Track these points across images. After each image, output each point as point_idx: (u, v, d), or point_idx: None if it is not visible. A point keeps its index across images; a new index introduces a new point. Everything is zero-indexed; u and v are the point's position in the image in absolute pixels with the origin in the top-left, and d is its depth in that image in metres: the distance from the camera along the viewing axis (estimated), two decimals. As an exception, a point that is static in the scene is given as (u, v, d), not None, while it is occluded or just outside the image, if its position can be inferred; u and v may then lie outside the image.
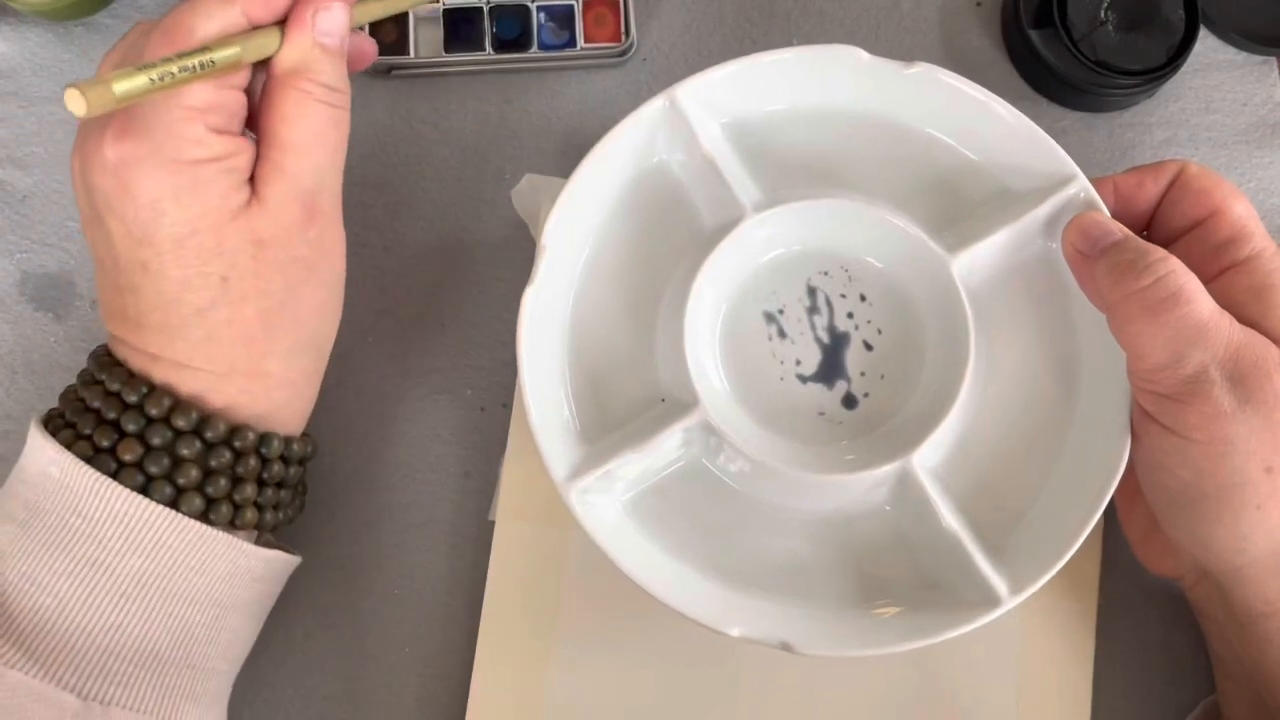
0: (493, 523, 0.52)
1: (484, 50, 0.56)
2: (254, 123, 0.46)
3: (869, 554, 0.48)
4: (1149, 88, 0.56)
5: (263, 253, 0.44)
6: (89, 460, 0.43)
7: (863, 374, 0.48)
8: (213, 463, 0.44)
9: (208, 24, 0.42)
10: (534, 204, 0.53)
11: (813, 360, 0.48)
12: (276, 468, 0.47)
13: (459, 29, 0.56)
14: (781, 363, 0.48)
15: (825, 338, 0.48)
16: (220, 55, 0.42)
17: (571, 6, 0.56)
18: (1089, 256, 0.45)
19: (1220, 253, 0.46)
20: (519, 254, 0.55)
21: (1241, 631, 0.47)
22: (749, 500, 0.48)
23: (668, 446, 0.46)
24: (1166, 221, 0.48)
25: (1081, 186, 0.47)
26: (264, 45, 0.44)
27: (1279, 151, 0.58)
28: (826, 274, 0.48)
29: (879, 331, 0.48)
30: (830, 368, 0.48)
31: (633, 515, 0.47)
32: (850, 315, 0.48)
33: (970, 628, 0.45)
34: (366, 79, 0.57)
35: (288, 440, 0.47)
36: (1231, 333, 0.42)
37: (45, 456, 0.43)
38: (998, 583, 0.45)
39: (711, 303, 0.47)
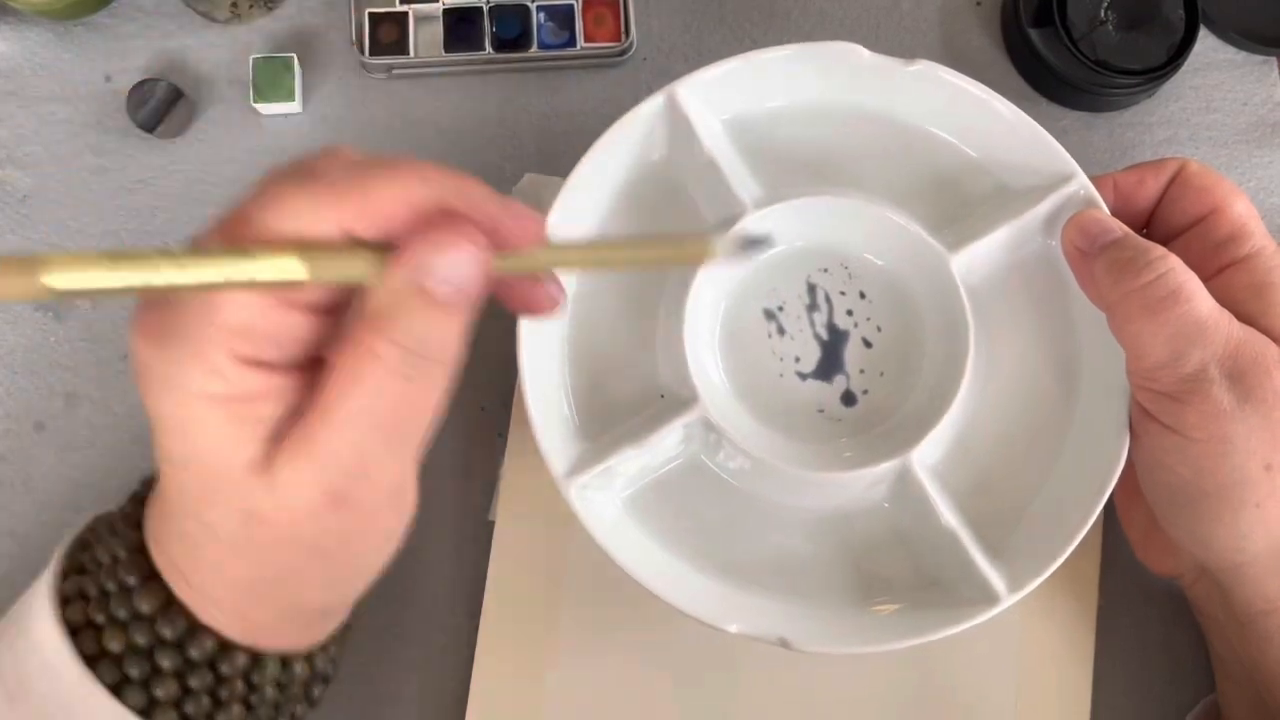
0: (493, 523, 0.52)
1: (484, 50, 0.56)
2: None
3: (868, 551, 0.48)
4: (1149, 87, 0.56)
5: (255, 526, 0.35)
6: (76, 632, 0.38)
7: (862, 371, 0.48)
8: (193, 682, 0.38)
9: (282, 222, 0.32)
10: (534, 203, 0.53)
11: (812, 357, 0.48)
12: (269, 692, 0.40)
13: (459, 29, 0.56)
14: (781, 360, 0.48)
15: (825, 335, 0.48)
16: (264, 274, 0.31)
17: (571, 6, 0.56)
18: (1088, 254, 0.45)
19: (1220, 250, 0.46)
20: (519, 253, 0.55)
21: (1241, 630, 0.47)
22: (748, 497, 0.48)
23: (667, 443, 0.46)
24: (1166, 219, 0.48)
25: (1081, 184, 0.47)
26: (351, 269, 0.32)
27: (1279, 151, 0.58)
28: (826, 271, 0.48)
29: (878, 329, 0.48)
30: (829, 365, 0.48)
31: (632, 511, 0.47)
32: (850, 312, 0.48)
33: (968, 625, 0.45)
34: (366, 79, 0.57)
35: (286, 662, 0.40)
36: (1231, 330, 0.42)
37: (50, 639, 0.38)
38: (996, 580, 0.45)
39: (711, 300, 0.47)
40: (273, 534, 0.35)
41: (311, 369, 0.35)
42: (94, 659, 0.38)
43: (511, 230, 0.35)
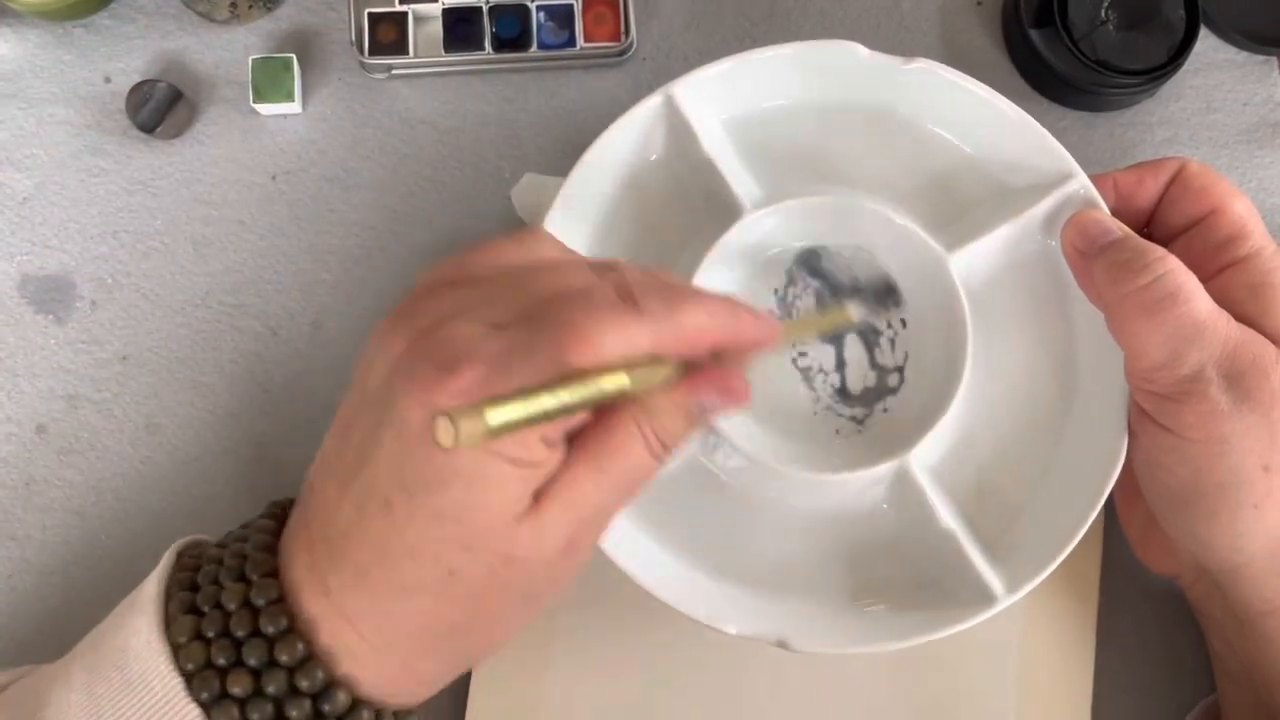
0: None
1: (483, 50, 0.56)
2: None
3: (866, 552, 0.48)
4: (1149, 87, 0.56)
5: (505, 570, 0.38)
6: (193, 675, 0.38)
7: (860, 372, 0.48)
8: None
9: (610, 347, 0.35)
10: (534, 203, 0.53)
11: (810, 358, 0.48)
12: None
13: (458, 29, 0.56)
14: (779, 361, 0.48)
15: (823, 335, 0.48)
16: (611, 390, 0.36)
17: (571, 6, 0.56)
18: (1087, 254, 0.45)
19: (1219, 251, 0.46)
20: (519, 254, 0.55)
21: (1241, 630, 0.47)
22: (746, 498, 0.47)
23: None
24: (1166, 219, 0.48)
25: (1081, 184, 0.47)
26: (656, 380, 0.38)
27: (1279, 151, 0.58)
28: (824, 271, 0.48)
29: (876, 329, 0.48)
30: (828, 365, 0.48)
31: (630, 512, 0.47)
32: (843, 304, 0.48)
33: (966, 625, 0.45)
34: (366, 80, 0.57)
35: (398, 715, 0.41)
36: (1229, 332, 0.42)
37: (158, 670, 0.38)
38: (993, 581, 0.45)
39: None
40: (514, 576, 0.38)
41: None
42: (210, 702, 0.38)
43: (760, 343, 0.40)
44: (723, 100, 0.48)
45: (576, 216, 0.47)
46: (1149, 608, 0.53)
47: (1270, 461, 0.42)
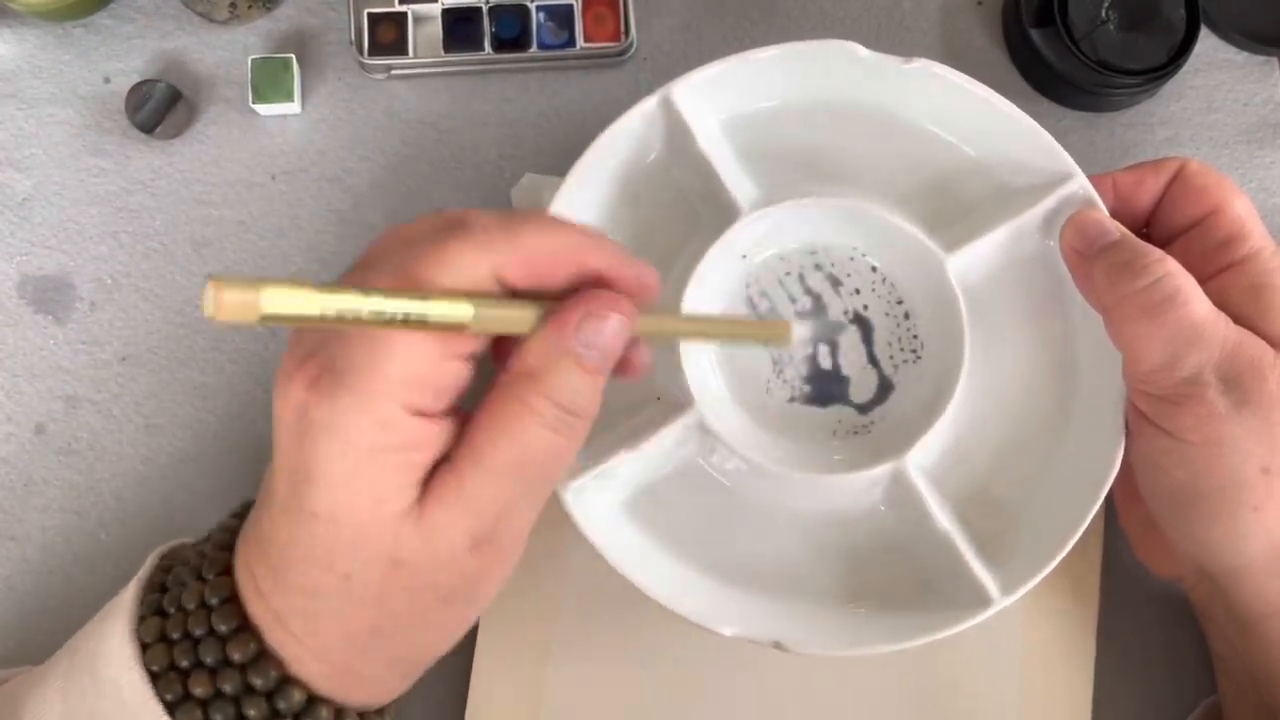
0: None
1: (483, 50, 0.56)
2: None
3: (863, 553, 0.48)
4: (1150, 87, 0.56)
5: (396, 572, 0.36)
6: (157, 677, 0.38)
7: (857, 373, 0.48)
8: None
9: (441, 273, 0.34)
10: (534, 203, 0.53)
11: (808, 360, 0.48)
12: None
13: (458, 29, 0.56)
14: (776, 363, 0.48)
15: (822, 335, 0.48)
16: (439, 314, 0.33)
17: (571, 6, 0.56)
18: (1086, 256, 0.45)
19: (1219, 251, 0.46)
20: (518, 254, 0.55)
21: (1243, 632, 0.46)
22: (743, 499, 0.47)
23: (663, 445, 0.46)
24: (1166, 219, 0.48)
25: (1080, 184, 0.46)
26: (511, 319, 0.35)
27: (1279, 151, 0.57)
28: (821, 272, 0.48)
29: (874, 331, 0.48)
30: (825, 367, 0.48)
31: (627, 514, 0.47)
32: (846, 314, 0.48)
33: (961, 628, 0.45)
34: (365, 80, 0.57)
35: (363, 716, 0.41)
36: (1228, 334, 0.42)
37: (131, 684, 0.38)
38: (989, 583, 0.45)
39: (707, 304, 0.47)
40: (413, 579, 0.37)
41: (452, 419, 0.36)
42: (175, 704, 0.38)
43: (633, 286, 0.37)
44: (721, 100, 0.48)
45: (573, 215, 0.47)
46: (1149, 608, 0.53)
47: (1269, 464, 0.42)
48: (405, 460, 0.35)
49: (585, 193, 0.48)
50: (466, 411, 0.38)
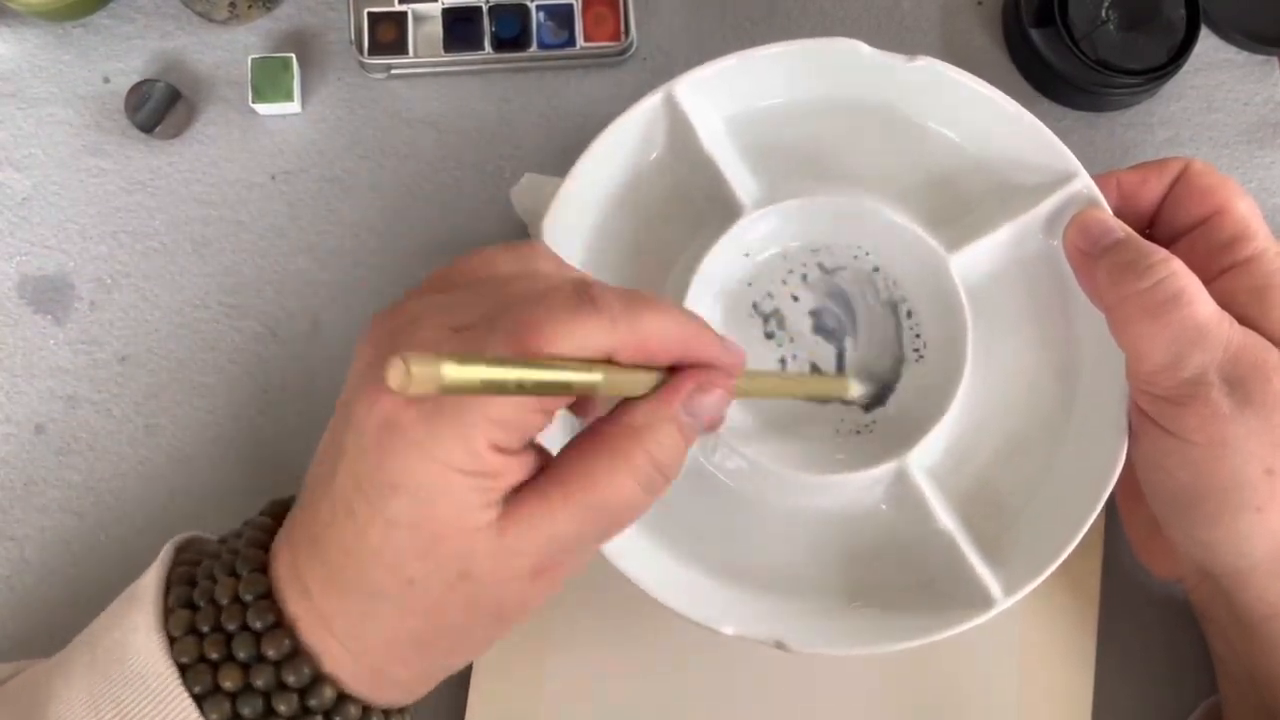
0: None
1: (483, 50, 0.56)
2: None
3: (864, 553, 0.47)
4: (1150, 87, 0.56)
5: (462, 584, 0.37)
6: (187, 668, 0.39)
7: (859, 372, 0.48)
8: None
9: (565, 342, 0.35)
10: (534, 203, 0.53)
11: (810, 358, 0.48)
12: None
13: (458, 28, 0.56)
14: (778, 361, 0.48)
15: (822, 335, 0.48)
16: (578, 381, 0.35)
17: (571, 6, 0.56)
18: (1090, 255, 0.45)
19: (1222, 252, 0.46)
20: (519, 254, 0.55)
21: (1244, 634, 0.46)
22: (744, 498, 0.47)
23: None
24: (1169, 219, 0.48)
25: (1084, 183, 0.46)
26: (633, 384, 0.37)
27: (1279, 151, 0.58)
28: (824, 271, 0.48)
29: (877, 329, 0.48)
30: (827, 366, 0.48)
31: None
32: (850, 311, 0.48)
33: (963, 628, 0.45)
34: (365, 79, 0.57)
35: (387, 713, 0.41)
36: (1231, 335, 0.42)
37: (155, 666, 0.39)
38: (991, 583, 0.45)
39: (709, 301, 0.47)
40: (475, 592, 0.37)
41: (530, 453, 0.38)
42: (203, 696, 0.39)
43: (726, 365, 0.39)
44: (724, 98, 0.48)
45: (576, 215, 0.47)
46: (1149, 608, 0.53)
47: (1273, 465, 0.42)
48: (486, 485, 0.36)
49: (587, 191, 0.48)
50: (542, 448, 0.39)
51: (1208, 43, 0.58)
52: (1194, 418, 0.42)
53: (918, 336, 0.47)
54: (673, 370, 0.38)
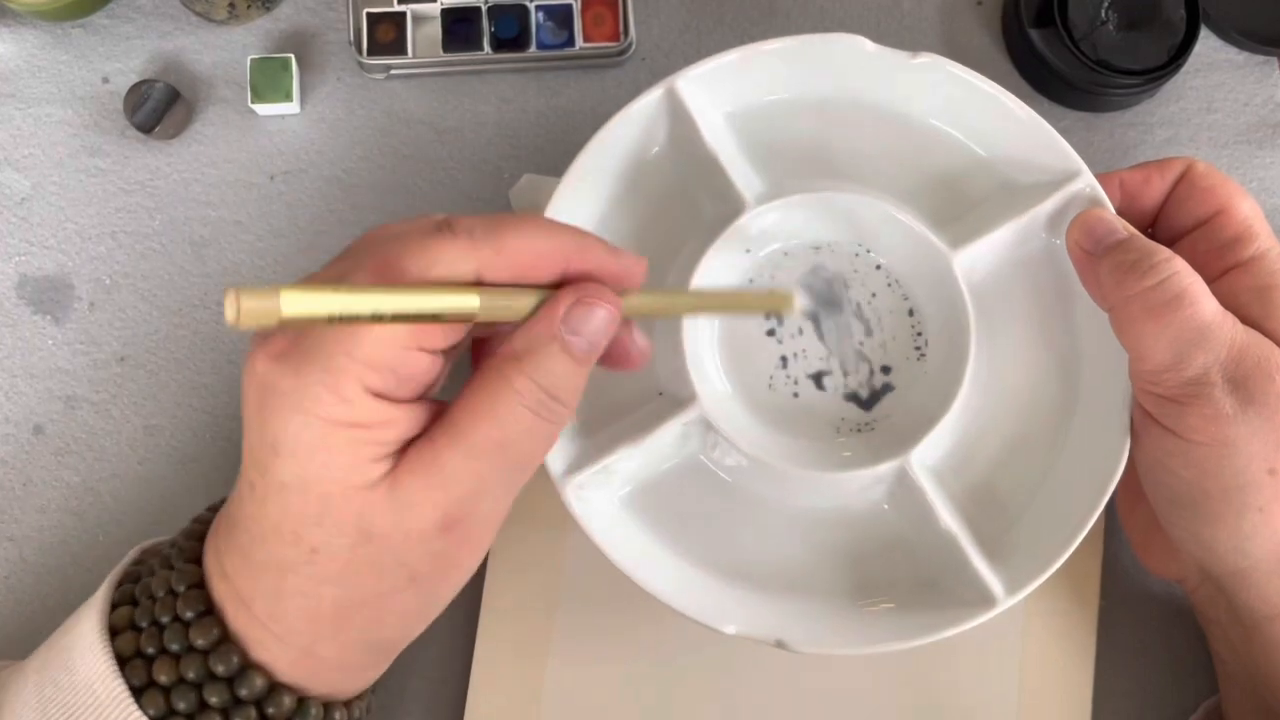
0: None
1: (482, 50, 0.56)
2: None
3: (866, 552, 0.47)
4: (1150, 87, 0.56)
5: (365, 546, 0.37)
6: (124, 663, 0.39)
7: (861, 370, 0.48)
8: None
9: (426, 270, 0.35)
10: (533, 204, 0.53)
11: (811, 355, 0.48)
12: None
13: (457, 29, 0.56)
14: (780, 358, 0.47)
15: (824, 333, 0.48)
16: (448, 308, 0.34)
17: (570, 6, 0.56)
18: (1093, 254, 0.45)
19: (1225, 252, 0.46)
20: (518, 254, 0.55)
21: (1245, 634, 0.46)
22: (746, 497, 0.47)
23: (665, 441, 0.46)
24: (1172, 219, 0.48)
25: (1087, 182, 0.46)
26: (514, 308, 0.36)
27: (1279, 151, 0.58)
28: (826, 268, 0.48)
29: (879, 327, 0.48)
30: (829, 363, 0.48)
31: (629, 511, 0.47)
32: (852, 309, 0.48)
33: (966, 627, 0.45)
34: (364, 80, 0.57)
35: (328, 707, 0.41)
36: (1234, 335, 0.42)
37: (100, 674, 0.39)
38: (993, 582, 0.45)
39: None
40: (381, 554, 0.37)
41: (422, 405, 0.37)
42: (140, 689, 0.39)
43: (620, 277, 0.38)
44: (726, 93, 0.48)
45: (576, 208, 0.47)
46: (1150, 609, 0.53)
47: (1276, 464, 0.42)
48: (372, 436, 0.35)
49: (588, 186, 0.47)
50: (440, 401, 0.38)
51: (1208, 43, 0.58)
52: (1197, 417, 0.42)
53: (920, 335, 0.47)
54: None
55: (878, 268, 0.47)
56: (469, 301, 0.34)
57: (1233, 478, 0.42)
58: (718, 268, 0.46)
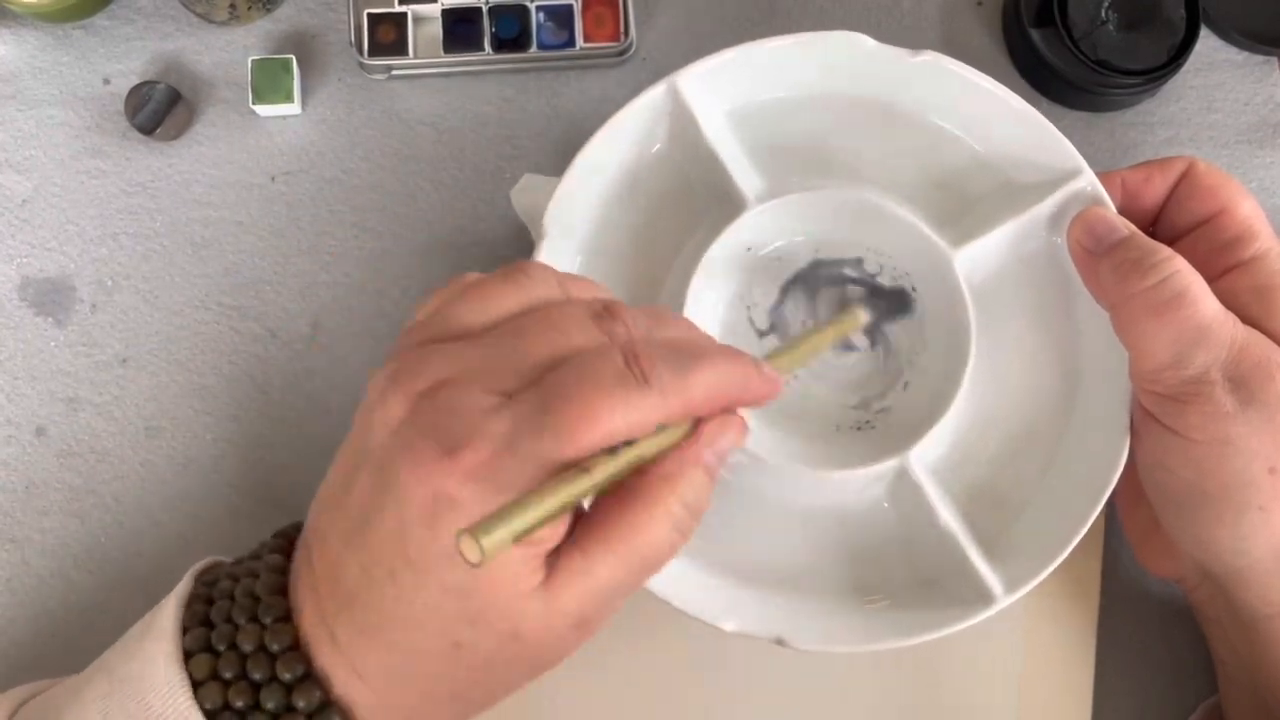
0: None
1: (483, 50, 0.56)
2: None
3: (865, 550, 0.47)
4: (1150, 87, 0.56)
5: (512, 645, 0.37)
6: (212, 715, 0.38)
7: (861, 368, 0.48)
8: None
9: (620, 421, 0.35)
10: (533, 204, 0.53)
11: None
12: None
13: (457, 29, 0.56)
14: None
15: (834, 346, 0.48)
16: (626, 467, 0.35)
17: (570, 6, 0.56)
18: (1094, 253, 0.45)
19: (1226, 251, 0.46)
20: (519, 254, 0.55)
21: (1244, 634, 0.46)
22: (745, 493, 0.47)
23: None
24: (1173, 218, 0.48)
25: (1088, 180, 0.47)
26: (665, 442, 0.37)
27: (1279, 151, 0.58)
28: (827, 265, 0.48)
29: (879, 325, 0.48)
30: (829, 361, 0.48)
31: None
32: (850, 308, 0.48)
33: (964, 625, 0.45)
34: (365, 80, 0.57)
35: None
36: (1235, 334, 0.42)
37: (175, 702, 0.38)
38: (993, 581, 0.45)
39: (711, 298, 0.47)
40: (522, 652, 0.37)
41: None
42: (214, 713, 0.38)
43: (766, 398, 0.39)
44: (727, 91, 0.48)
45: (577, 204, 0.47)
46: (1149, 608, 0.53)
47: (1276, 463, 0.42)
48: (539, 549, 0.36)
49: (589, 182, 0.47)
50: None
51: (1208, 43, 0.58)
52: (1197, 416, 0.42)
53: (920, 333, 0.47)
54: None
55: (879, 266, 0.47)
56: (630, 458, 0.36)
57: (1233, 476, 0.42)
58: (719, 265, 0.46)
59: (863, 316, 0.45)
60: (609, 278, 0.48)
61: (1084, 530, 0.45)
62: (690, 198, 0.48)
